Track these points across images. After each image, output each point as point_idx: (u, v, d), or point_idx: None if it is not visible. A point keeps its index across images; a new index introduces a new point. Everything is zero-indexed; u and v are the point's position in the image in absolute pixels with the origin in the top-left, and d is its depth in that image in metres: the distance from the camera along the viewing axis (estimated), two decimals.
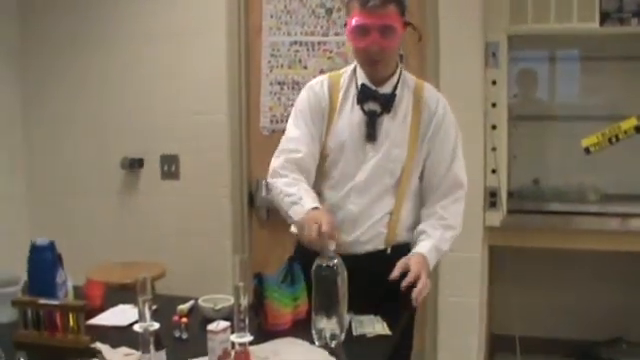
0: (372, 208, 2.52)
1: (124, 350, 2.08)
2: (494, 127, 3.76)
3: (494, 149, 3.76)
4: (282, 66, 4.03)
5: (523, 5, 3.69)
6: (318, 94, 2.57)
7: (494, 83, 3.75)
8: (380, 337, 2.24)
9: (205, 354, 2.02)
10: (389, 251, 2.53)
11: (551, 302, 4.37)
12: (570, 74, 4.38)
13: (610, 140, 3.84)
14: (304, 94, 2.62)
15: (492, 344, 4.32)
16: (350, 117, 2.53)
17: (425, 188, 2.61)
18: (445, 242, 2.57)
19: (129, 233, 4.29)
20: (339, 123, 2.54)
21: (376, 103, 2.51)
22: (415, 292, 2.27)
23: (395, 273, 2.34)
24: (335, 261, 2.11)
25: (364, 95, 2.52)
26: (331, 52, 3.95)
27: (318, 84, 2.61)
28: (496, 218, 3.81)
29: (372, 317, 2.35)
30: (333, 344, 2.12)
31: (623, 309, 4.19)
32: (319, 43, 3.95)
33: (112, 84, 4.29)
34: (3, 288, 2.42)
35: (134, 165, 4.25)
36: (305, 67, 3.98)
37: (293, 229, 2.66)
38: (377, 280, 2.38)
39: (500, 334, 4.29)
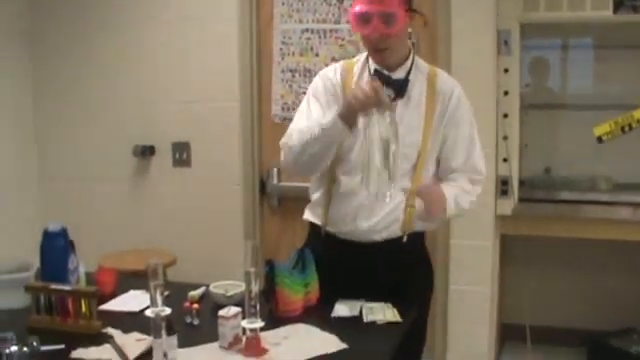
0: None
1: (136, 335, 2.10)
2: (506, 115, 3.74)
3: (505, 138, 3.75)
4: (294, 54, 4.02)
5: None
6: (332, 80, 2.56)
7: (506, 71, 3.73)
8: (391, 324, 2.25)
9: (216, 340, 2.04)
10: (405, 239, 2.52)
11: (562, 291, 4.37)
12: (583, 62, 4.35)
13: (623, 129, 3.82)
14: (319, 81, 2.60)
15: (502, 333, 4.32)
16: None
17: (442, 174, 2.60)
18: (463, 199, 2.56)
19: (140, 220, 4.30)
20: None
21: (390, 88, 2.47)
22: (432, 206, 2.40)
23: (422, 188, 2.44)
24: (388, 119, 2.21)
25: (378, 80, 2.48)
26: (343, 40, 3.94)
27: (331, 71, 2.60)
28: (507, 207, 3.80)
29: (383, 304, 2.35)
30: (383, 196, 2.22)
31: (635, 299, 4.18)
32: (331, 31, 3.95)
33: (124, 70, 4.29)
34: (16, 274, 2.44)
35: (145, 152, 4.26)
36: (317, 55, 3.97)
37: (306, 216, 2.67)
38: (393, 267, 2.39)
39: (510, 323, 4.30)
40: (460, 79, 3.60)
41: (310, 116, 2.52)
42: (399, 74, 2.50)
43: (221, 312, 2.02)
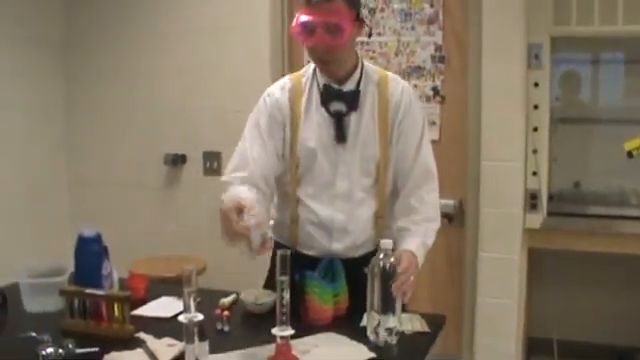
0: (357, 212, 2.46)
1: (167, 340, 2.12)
2: (535, 129, 3.75)
3: (535, 151, 3.75)
4: None
5: (567, 6, 3.67)
6: (278, 101, 2.48)
7: (536, 85, 3.74)
8: (418, 334, 2.26)
9: (246, 347, 2.06)
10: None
11: (590, 306, 4.35)
12: (613, 77, 4.34)
13: None
14: (262, 104, 2.52)
15: (529, 347, 4.30)
16: (316, 120, 2.44)
17: (396, 178, 2.51)
18: (430, 237, 2.47)
19: (171, 228, 4.35)
20: (306, 129, 2.44)
21: (341, 102, 2.41)
22: (399, 291, 2.16)
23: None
24: (392, 260, 2.12)
25: (328, 95, 2.42)
26: (374, 52, 3.97)
27: (278, 90, 2.51)
28: (536, 220, 3.80)
29: (411, 315, 2.36)
30: (393, 340, 2.13)
31: None
32: (362, 43, 3.96)
33: (156, 78, 4.35)
34: (51, 278, 2.48)
35: (177, 161, 4.31)
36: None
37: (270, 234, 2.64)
38: None
39: (538, 337, 4.28)
40: (490, 92, 3.66)
41: (244, 147, 2.48)
42: (349, 86, 2.43)
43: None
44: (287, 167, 2.49)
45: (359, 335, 2.17)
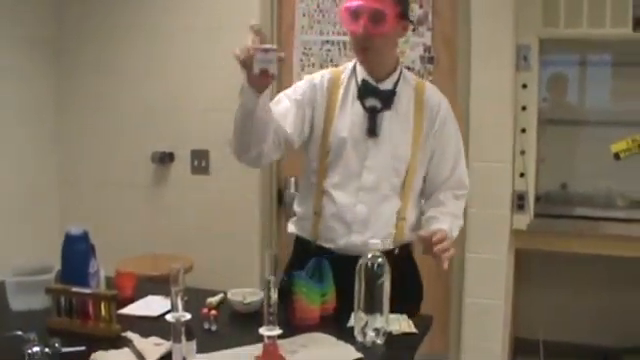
0: (381, 207, 2.50)
1: (154, 340, 2.11)
2: (524, 130, 3.76)
3: (523, 152, 3.77)
4: (313, 65, 4.05)
5: (555, 9, 3.68)
6: (316, 86, 2.53)
7: (525, 86, 3.75)
8: (406, 335, 2.26)
9: (234, 346, 2.06)
10: (397, 251, 2.54)
11: (576, 307, 4.36)
12: (601, 79, 4.35)
13: None
14: (304, 84, 2.57)
15: (516, 347, 4.32)
16: (351, 113, 2.50)
17: (428, 188, 2.61)
18: (455, 230, 2.56)
19: (158, 226, 4.34)
20: (340, 119, 2.50)
21: (376, 99, 2.48)
22: (445, 254, 2.31)
23: (424, 234, 2.37)
24: (380, 260, 2.12)
25: (365, 90, 2.49)
26: None
27: (318, 76, 2.57)
28: (523, 221, 3.81)
29: (398, 315, 2.36)
30: (380, 340, 2.14)
31: None
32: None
33: (145, 77, 4.34)
34: (37, 276, 2.47)
35: (165, 159, 4.30)
36: (336, 66, 3.96)
37: (292, 230, 2.67)
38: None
39: (524, 338, 4.30)
40: (479, 93, 3.68)
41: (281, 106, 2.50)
42: (386, 85, 2.51)
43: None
44: (315, 156, 2.54)
45: (346, 335, 2.18)
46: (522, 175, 3.78)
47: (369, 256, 2.11)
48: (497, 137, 3.71)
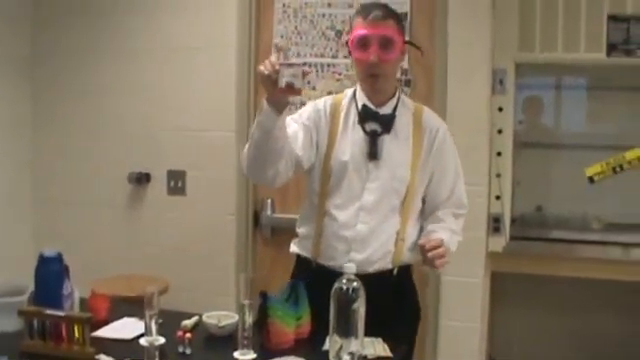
0: (381, 227, 2.57)
1: None
2: (499, 154, 3.78)
3: (499, 175, 3.78)
4: None
5: (531, 34, 3.72)
6: (320, 111, 2.64)
7: (500, 110, 3.77)
8: (381, 358, 2.26)
9: None
10: (395, 272, 2.58)
11: (552, 330, 4.37)
12: (576, 103, 4.40)
13: (614, 169, 3.84)
14: (307, 108, 2.69)
15: None
16: (352, 137, 2.59)
17: (428, 208, 2.70)
18: (453, 245, 2.65)
19: (134, 247, 4.31)
20: (341, 143, 2.59)
21: (377, 123, 2.58)
22: (438, 260, 2.41)
23: (422, 241, 2.47)
24: (355, 284, 2.12)
25: (365, 115, 2.59)
26: (340, 75, 3.99)
27: (321, 102, 2.69)
28: (499, 244, 3.82)
29: (373, 339, 2.36)
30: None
31: (624, 339, 4.19)
32: (328, 65, 3.99)
33: (121, 97, 4.32)
34: (10, 297, 2.45)
35: (141, 179, 4.27)
36: (314, 88, 4.01)
37: (294, 249, 2.71)
38: (383, 299, 2.40)
39: None
40: (455, 116, 3.69)
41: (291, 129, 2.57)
42: (386, 110, 2.60)
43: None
44: (317, 178, 2.62)
45: (321, 359, 2.17)
46: (498, 198, 3.80)
47: (344, 280, 2.11)
48: (473, 160, 3.72)
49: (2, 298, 2.46)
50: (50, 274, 2.45)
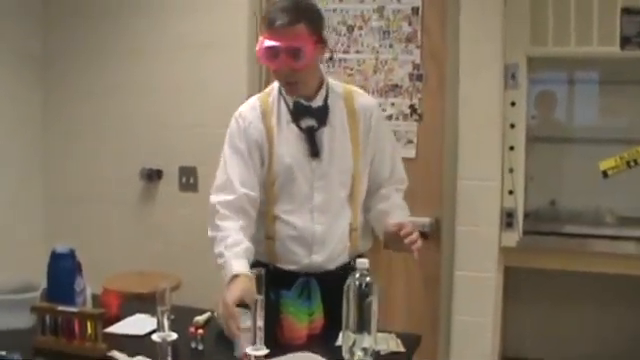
0: (336, 224, 2.53)
1: (141, 359, 2.10)
2: (512, 148, 3.76)
3: (511, 170, 3.76)
4: None
5: (544, 27, 3.69)
6: (252, 122, 2.52)
7: (513, 104, 3.75)
8: (394, 354, 2.25)
9: None
10: (352, 263, 2.53)
11: (565, 324, 4.35)
12: (589, 97, 4.37)
13: (628, 164, 3.82)
14: (235, 126, 2.56)
15: None
16: (288, 137, 2.50)
17: (371, 187, 2.63)
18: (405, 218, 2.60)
19: (146, 244, 4.31)
20: (280, 146, 2.49)
21: (311, 118, 2.48)
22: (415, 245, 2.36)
23: (392, 228, 2.39)
24: (368, 279, 2.11)
25: (298, 112, 2.49)
26: (351, 70, 3.98)
27: (249, 111, 2.56)
28: (512, 239, 3.80)
29: (387, 334, 2.36)
30: (368, 359, 2.12)
31: (637, 334, 4.16)
32: (340, 60, 3.98)
33: (132, 95, 4.33)
34: (22, 294, 2.45)
35: (153, 176, 4.28)
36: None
37: None
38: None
39: (512, 356, 4.28)
40: (467, 111, 3.68)
41: (227, 170, 2.50)
42: (317, 102, 2.50)
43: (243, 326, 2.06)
44: (261, 185, 2.52)
45: (335, 354, 2.17)
46: (511, 192, 3.78)
47: (357, 275, 2.10)
48: (486, 155, 3.71)
49: (15, 295, 2.46)
50: (62, 270, 2.46)
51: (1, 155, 4.27)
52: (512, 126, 3.76)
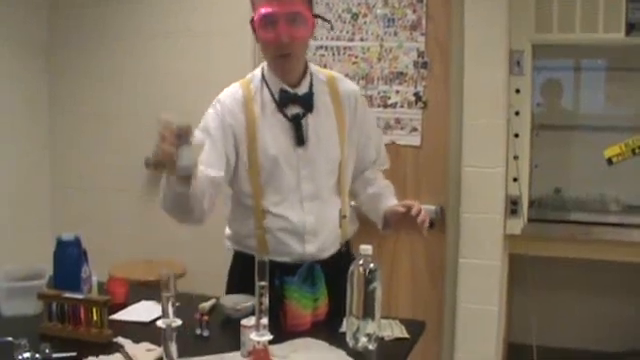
0: (327, 213, 2.49)
1: (146, 345, 2.11)
2: (517, 135, 3.76)
3: (516, 157, 3.76)
4: None
5: (549, 14, 3.69)
6: (231, 110, 2.46)
7: (518, 91, 3.75)
8: (398, 340, 2.26)
9: (224, 351, 2.06)
10: (342, 249, 2.56)
11: (570, 312, 4.36)
12: (594, 84, 4.37)
13: (633, 151, 3.82)
14: (212, 110, 2.51)
15: (509, 353, 4.31)
16: (273, 126, 2.43)
17: (356, 171, 2.64)
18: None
19: (151, 231, 4.32)
20: (263, 136, 2.42)
21: (297, 105, 2.43)
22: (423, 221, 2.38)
23: (400, 209, 2.42)
24: (372, 265, 2.11)
25: (283, 100, 2.42)
26: (356, 57, 3.97)
27: (229, 97, 2.49)
28: (517, 226, 3.81)
29: (391, 321, 2.37)
30: (372, 345, 2.13)
31: None
32: (345, 48, 3.98)
33: (138, 81, 4.34)
34: (29, 281, 2.46)
35: (158, 164, 4.28)
36: None
37: (233, 247, 2.66)
38: (340, 279, 2.25)
39: (517, 343, 4.29)
40: (472, 98, 3.68)
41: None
42: (303, 89, 2.45)
43: (243, 322, 2.05)
44: (245, 179, 2.46)
45: (338, 341, 2.17)
46: (515, 180, 3.78)
47: (360, 262, 2.10)
48: (490, 142, 3.71)
49: (21, 282, 2.47)
50: (68, 258, 2.47)
51: (7, 144, 4.29)
52: (517, 113, 3.76)
